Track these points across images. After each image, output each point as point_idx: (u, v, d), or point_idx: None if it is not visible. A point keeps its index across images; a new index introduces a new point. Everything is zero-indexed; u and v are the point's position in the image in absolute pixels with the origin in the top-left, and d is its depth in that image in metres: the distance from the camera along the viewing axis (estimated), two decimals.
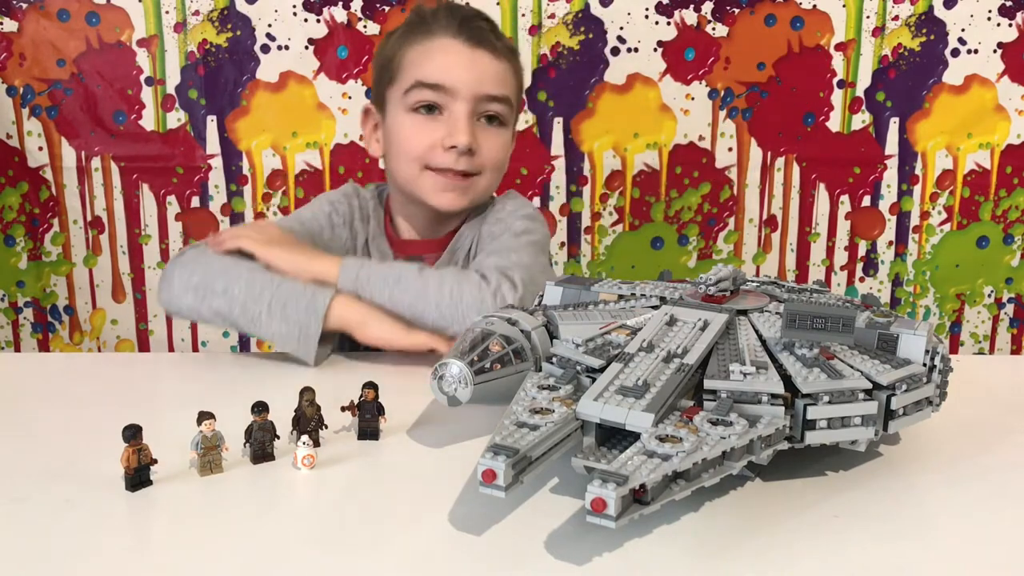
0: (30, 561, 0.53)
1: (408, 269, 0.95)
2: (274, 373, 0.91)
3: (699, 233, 1.69)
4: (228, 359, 1.03)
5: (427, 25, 1.04)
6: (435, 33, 1.03)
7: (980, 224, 1.68)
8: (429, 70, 1.02)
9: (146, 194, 1.63)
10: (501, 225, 1.07)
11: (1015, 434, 0.75)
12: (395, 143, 1.06)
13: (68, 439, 0.72)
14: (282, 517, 0.59)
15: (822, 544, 0.56)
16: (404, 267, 0.95)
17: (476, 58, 1.02)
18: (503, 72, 1.04)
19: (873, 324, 0.68)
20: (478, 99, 1.02)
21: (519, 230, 1.06)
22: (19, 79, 1.57)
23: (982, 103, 1.63)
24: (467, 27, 1.02)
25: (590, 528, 0.51)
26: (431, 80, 1.01)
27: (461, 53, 1.02)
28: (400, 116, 1.05)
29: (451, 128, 1.01)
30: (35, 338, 1.70)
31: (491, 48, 1.03)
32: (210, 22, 1.56)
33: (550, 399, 0.61)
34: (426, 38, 1.03)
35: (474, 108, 1.02)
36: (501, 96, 1.04)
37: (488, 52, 1.03)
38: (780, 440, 0.59)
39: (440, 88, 1.01)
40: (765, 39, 1.61)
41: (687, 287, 0.78)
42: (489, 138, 1.04)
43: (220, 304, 0.92)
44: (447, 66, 1.02)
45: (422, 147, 1.03)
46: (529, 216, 1.09)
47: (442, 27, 1.03)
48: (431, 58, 1.02)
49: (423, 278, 0.93)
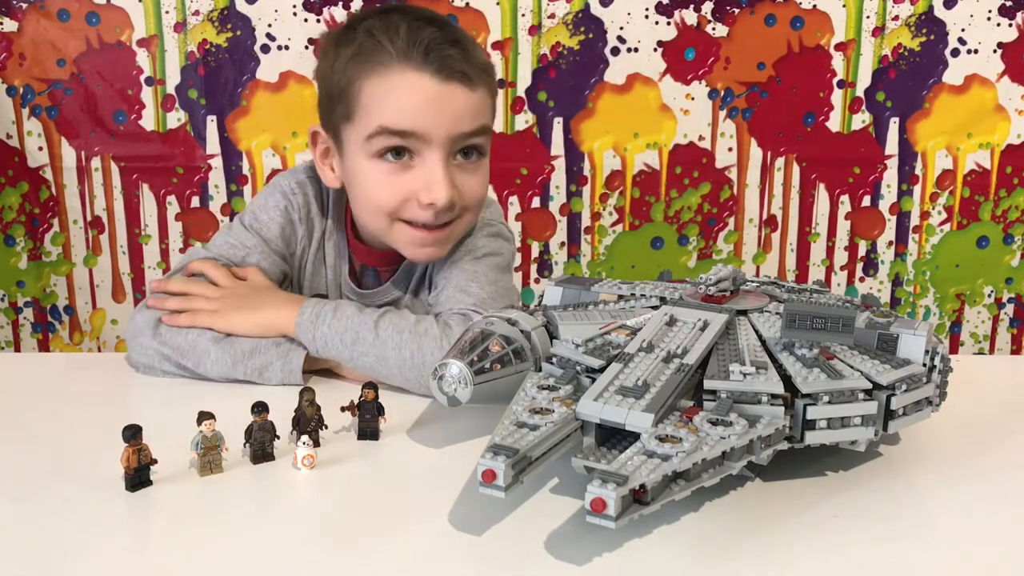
0: (30, 561, 0.53)
1: (363, 325, 0.85)
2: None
3: (699, 233, 1.69)
4: None
5: (383, 53, 0.87)
6: (394, 65, 0.87)
7: (980, 224, 1.68)
8: (394, 114, 0.87)
9: (146, 194, 1.63)
10: (462, 247, 0.97)
11: (1015, 434, 0.75)
12: (358, 191, 0.93)
13: (68, 439, 0.72)
14: (282, 517, 0.60)
15: (822, 544, 0.56)
16: (360, 323, 0.85)
17: (448, 94, 0.87)
18: (479, 102, 0.90)
19: (873, 324, 0.68)
20: (454, 140, 0.89)
21: (482, 252, 0.97)
22: (19, 79, 1.57)
23: (982, 103, 1.63)
24: (434, 57, 0.86)
25: (590, 528, 0.51)
26: (398, 127, 0.87)
27: (430, 91, 0.86)
28: (363, 162, 0.90)
29: (426, 181, 0.88)
30: (35, 338, 1.70)
31: (464, 80, 0.87)
32: (210, 22, 1.56)
33: (550, 399, 0.61)
34: (385, 71, 0.87)
35: (450, 150, 0.89)
36: (478, 130, 0.90)
37: (461, 85, 0.87)
38: (780, 440, 0.59)
39: (410, 135, 0.87)
40: (765, 39, 1.61)
41: (687, 287, 0.78)
42: (468, 177, 0.91)
43: (195, 375, 0.87)
44: (415, 109, 0.87)
45: (394, 201, 0.90)
46: (495, 234, 1.00)
47: (402, 56, 0.86)
48: (394, 99, 0.87)
49: (380, 339, 0.84)
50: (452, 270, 0.96)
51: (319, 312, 0.87)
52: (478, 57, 0.91)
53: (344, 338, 0.85)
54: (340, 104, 0.91)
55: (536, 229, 1.67)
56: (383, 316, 0.87)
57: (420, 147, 0.89)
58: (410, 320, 0.86)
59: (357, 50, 0.89)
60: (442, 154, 0.88)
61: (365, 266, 1.03)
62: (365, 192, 0.93)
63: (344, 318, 0.86)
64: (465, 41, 0.91)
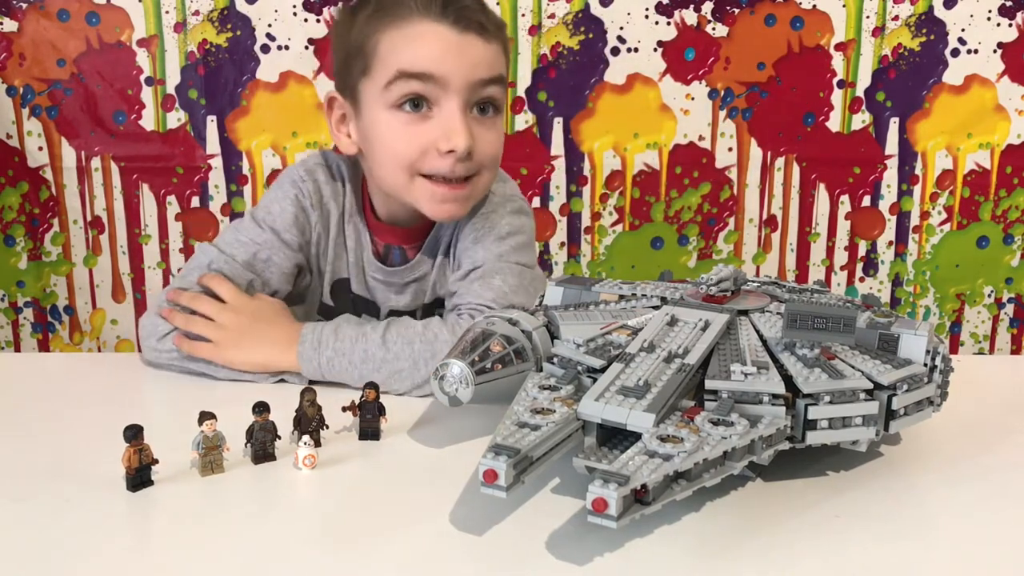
0: (30, 561, 0.53)
1: (371, 342, 0.85)
2: None
3: (699, 233, 1.69)
4: None
5: (403, 6, 0.89)
6: (414, 16, 0.88)
7: (980, 224, 1.68)
8: (413, 58, 0.88)
9: (146, 194, 1.63)
10: (485, 223, 0.97)
11: (1015, 434, 0.75)
12: (377, 146, 0.93)
13: (68, 439, 0.72)
14: (283, 517, 0.59)
15: (823, 544, 0.56)
16: (366, 340, 0.85)
17: (466, 44, 0.89)
18: (494, 54, 0.91)
19: (874, 324, 0.68)
20: (472, 87, 0.89)
21: (504, 231, 0.97)
22: (19, 79, 1.57)
23: (982, 103, 1.63)
24: (452, 8, 0.88)
25: (591, 528, 0.51)
26: (417, 69, 0.88)
27: (449, 39, 0.88)
28: (381, 114, 0.91)
29: (445, 128, 0.89)
30: (35, 338, 1.70)
31: (481, 31, 0.89)
32: (210, 22, 1.56)
33: (551, 399, 0.61)
34: (404, 22, 0.89)
35: (467, 99, 0.90)
36: (494, 77, 0.91)
37: (478, 36, 0.89)
38: (781, 440, 0.59)
39: (428, 78, 0.88)
40: (765, 39, 1.61)
41: (688, 287, 0.78)
42: (484, 132, 0.92)
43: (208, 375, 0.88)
44: (434, 54, 0.88)
45: (413, 153, 0.90)
46: (518, 210, 1.00)
47: (422, 9, 0.88)
48: (414, 45, 0.88)
49: (392, 352, 0.84)
50: (477, 251, 0.96)
51: (320, 338, 0.86)
52: (492, 13, 0.93)
53: (352, 359, 0.85)
54: (358, 60, 0.92)
55: (536, 229, 1.67)
56: (388, 328, 0.86)
57: (438, 94, 0.89)
58: (417, 328, 0.86)
59: (376, 7, 0.91)
60: (459, 101, 0.89)
61: (390, 245, 1.02)
62: (384, 146, 0.93)
63: (348, 339, 0.86)
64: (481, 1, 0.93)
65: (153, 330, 0.90)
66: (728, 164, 1.66)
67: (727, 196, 1.67)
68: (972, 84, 1.62)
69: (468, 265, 0.96)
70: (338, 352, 0.85)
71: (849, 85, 1.63)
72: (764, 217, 1.69)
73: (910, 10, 1.59)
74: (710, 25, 1.60)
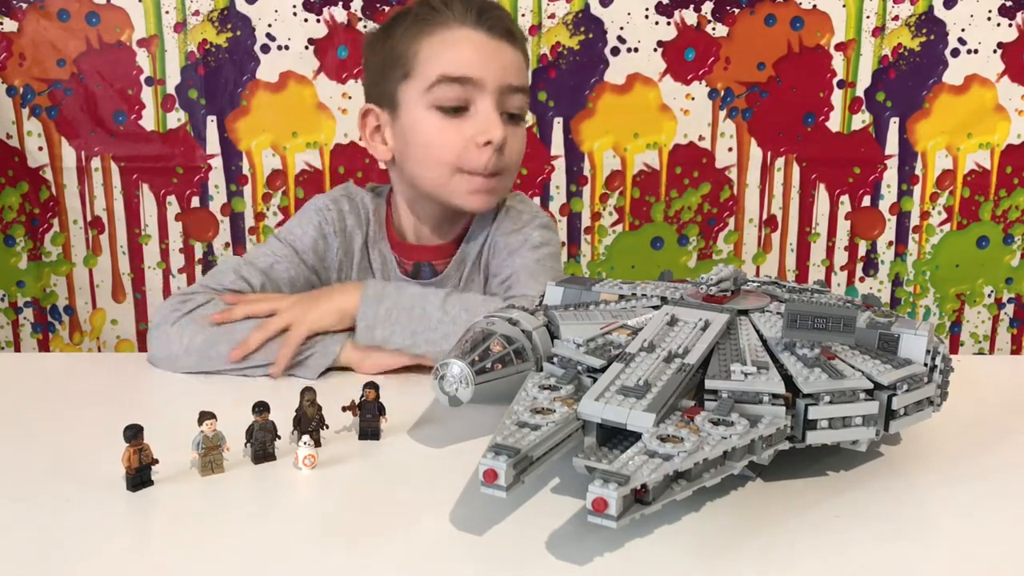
0: (30, 561, 0.53)
1: (430, 303, 0.91)
2: None
3: (699, 233, 1.69)
4: None
5: (441, 16, 0.98)
6: (452, 24, 0.98)
7: (980, 224, 1.68)
8: (454, 63, 0.97)
9: (146, 194, 1.63)
10: (519, 236, 1.05)
11: (1015, 434, 0.75)
12: (419, 145, 1.01)
13: (68, 439, 0.72)
14: (283, 517, 0.59)
15: (823, 544, 0.56)
16: (425, 300, 0.91)
17: (499, 49, 0.98)
18: (521, 62, 1.02)
19: (874, 324, 0.68)
20: (503, 91, 0.98)
21: (537, 242, 1.05)
22: (19, 79, 1.57)
23: (982, 103, 1.63)
24: (486, 18, 0.98)
25: (591, 528, 0.51)
26: (458, 73, 0.96)
27: (485, 44, 0.98)
28: (422, 114, 0.99)
29: (483, 123, 0.97)
30: (35, 338, 1.70)
31: (510, 39, 1.00)
32: (210, 22, 1.56)
33: (551, 399, 0.61)
34: (444, 29, 0.98)
35: (499, 101, 0.98)
36: (522, 86, 1.01)
37: (508, 43, 0.99)
38: (781, 440, 0.59)
39: (467, 81, 0.97)
40: (765, 39, 1.61)
41: (688, 287, 0.78)
42: (511, 135, 1.00)
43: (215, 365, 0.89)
44: (472, 58, 0.97)
45: (455, 149, 0.98)
46: (545, 225, 1.09)
47: (459, 18, 0.98)
48: (454, 50, 0.97)
49: (449, 315, 0.90)
50: (514, 260, 1.04)
51: (382, 292, 0.92)
52: (518, 27, 1.04)
53: (411, 314, 0.90)
54: (398, 68, 1.00)
55: None
56: (449, 296, 0.92)
57: (474, 95, 0.97)
58: (477, 299, 0.93)
59: (415, 19, 1.00)
60: (493, 101, 0.98)
61: (419, 262, 1.08)
62: (426, 144, 1.00)
63: (408, 296, 0.92)
64: (508, 14, 1.05)
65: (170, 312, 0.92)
66: (728, 164, 1.66)
67: (727, 196, 1.67)
68: (972, 84, 1.62)
69: (508, 271, 1.04)
70: (397, 305, 0.91)
71: (849, 85, 1.63)
72: (764, 217, 1.69)
73: (910, 10, 1.60)
74: (710, 25, 1.60)
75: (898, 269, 1.71)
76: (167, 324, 0.91)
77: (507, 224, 1.07)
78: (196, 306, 0.93)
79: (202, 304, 0.93)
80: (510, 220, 1.07)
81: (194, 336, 0.90)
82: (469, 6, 0.98)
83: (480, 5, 0.99)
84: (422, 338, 0.89)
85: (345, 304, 0.92)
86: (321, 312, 0.92)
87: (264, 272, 1.00)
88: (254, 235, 1.65)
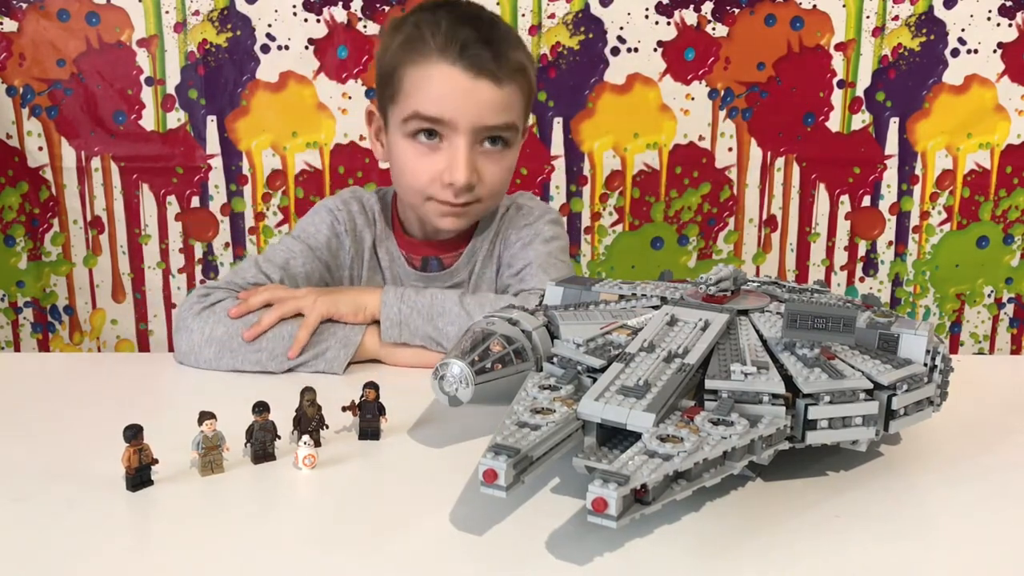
0: (30, 561, 0.53)
1: (448, 300, 0.94)
2: (275, 373, 0.91)
3: (699, 233, 1.69)
4: None
5: (426, 45, 0.97)
6: (432, 57, 0.96)
7: (980, 224, 1.68)
8: (426, 102, 0.97)
9: (146, 194, 1.63)
10: (531, 230, 1.09)
11: (1015, 434, 0.75)
12: (397, 167, 1.04)
13: (68, 439, 0.72)
14: (283, 517, 0.59)
15: (823, 544, 0.56)
16: (444, 298, 0.94)
17: (476, 89, 0.96)
18: (506, 98, 0.98)
19: (874, 324, 0.68)
20: (478, 131, 0.98)
21: (548, 235, 1.08)
22: (19, 79, 1.57)
23: (982, 103, 1.63)
24: (468, 54, 0.96)
25: (591, 528, 0.51)
26: (428, 113, 0.97)
27: (460, 83, 0.96)
28: (400, 141, 1.01)
29: (450, 162, 0.98)
30: (35, 338, 1.70)
31: (492, 77, 0.96)
32: (210, 22, 1.56)
33: (551, 399, 0.61)
34: (425, 61, 0.97)
35: (475, 138, 0.98)
36: (502, 125, 0.99)
37: (489, 81, 0.96)
38: (781, 440, 0.59)
39: (439, 121, 0.97)
40: (765, 39, 1.61)
41: (688, 287, 0.78)
42: (490, 164, 1.01)
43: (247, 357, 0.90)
44: (445, 98, 0.97)
45: (422, 181, 1.00)
46: (555, 220, 1.13)
47: (440, 51, 0.96)
48: (429, 87, 0.97)
49: (467, 310, 0.93)
50: (528, 251, 1.07)
51: (402, 291, 0.96)
52: (511, 57, 0.99)
53: (431, 311, 0.93)
54: (388, 87, 1.02)
55: None
56: (464, 295, 0.96)
57: (448, 132, 0.98)
58: (491, 297, 0.97)
59: (405, 39, 1.00)
60: (466, 140, 0.98)
61: (427, 257, 1.11)
62: (401, 170, 1.03)
63: (428, 294, 0.95)
64: (501, 42, 0.99)
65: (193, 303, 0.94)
66: (728, 164, 1.66)
67: (727, 196, 1.67)
68: (972, 84, 1.62)
69: (522, 263, 1.06)
70: (419, 304, 0.94)
71: (849, 85, 1.63)
72: (764, 217, 1.69)
73: (910, 10, 1.59)
74: (710, 25, 1.60)
75: (898, 269, 1.71)
76: (189, 317, 0.93)
77: (519, 219, 1.11)
78: (217, 300, 0.95)
79: (223, 299, 0.95)
80: (522, 215, 1.11)
81: (215, 327, 0.91)
82: (453, 39, 0.96)
83: (465, 39, 0.96)
84: (442, 332, 0.92)
85: (363, 299, 0.95)
86: (337, 299, 0.94)
87: (281, 267, 1.02)
88: (254, 235, 1.65)
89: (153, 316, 1.69)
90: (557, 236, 1.10)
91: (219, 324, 0.92)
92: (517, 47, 1.01)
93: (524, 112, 1.04)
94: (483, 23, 1.00)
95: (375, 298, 0.95)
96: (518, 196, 1.16)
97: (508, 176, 1.06)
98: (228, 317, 0.92)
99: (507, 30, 1.03)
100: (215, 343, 0.91)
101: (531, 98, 1.06)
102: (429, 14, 1.00)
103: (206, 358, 0.91)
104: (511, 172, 1.06)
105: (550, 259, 1.06)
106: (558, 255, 1.08)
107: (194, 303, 0.95)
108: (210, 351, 0.90)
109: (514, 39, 1.02)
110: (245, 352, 0.90)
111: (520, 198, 1.15)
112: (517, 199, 1.15)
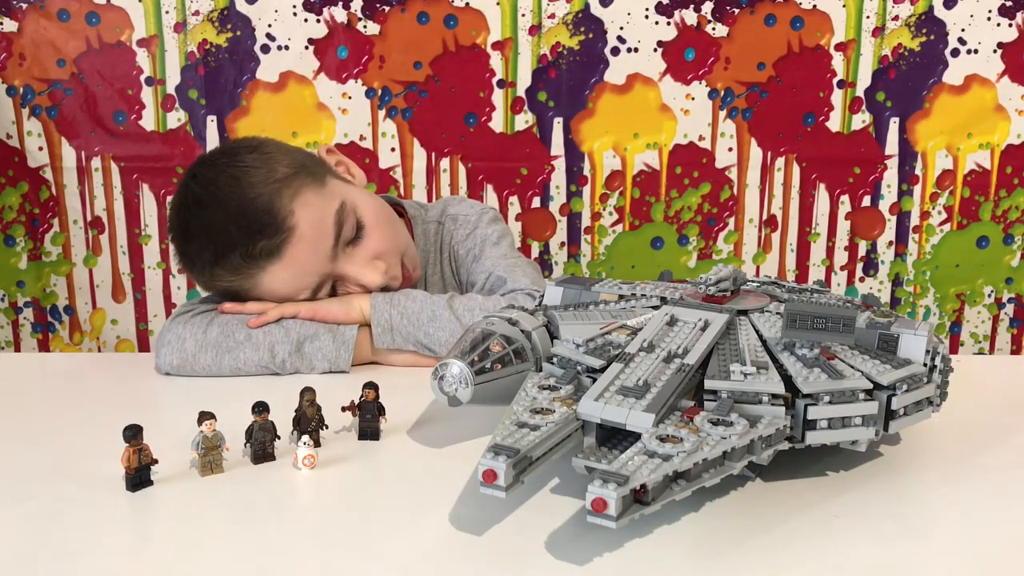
0: (30, 561, 0.53)
1: (438, 305, 0.93)
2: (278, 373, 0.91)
3: (699, 233, 1.69)
4: None
5: (217, 277, 0.95)
6: (220, 276, 0.95)
7: (980, 224, 1.68)
8: (267, 296, 0.95)
9: (146, 194, 1.63)
10: (474, 240, 1.09)
11: (1015, 434, 0.75)
12: None
13: (68, 439, 0.72)
14: (283, 517, 0.59)
15: (823, 544, 0.56)
16: (434, 303, 0.94)
17: (273, 272, 0.93)
18: (297, 252, 0.92)
19: (874, 324, 0.68)
20: (313, 284, 0.95)
21: (495, 237, 1.09)
22: (19, 79, 1.57)
23: (982, 103, 1.63)
24: (246, 262, 0.92)
25: (591, 528, 0.51)
26: (275, 299, 0.95)
27: (266, 280, 0.93)
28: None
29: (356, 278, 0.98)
30: (35, 338, 1.70)
31: (271, 256, 0.92)
32: (210, 22, 1.56)
33: (551, 399, 0.61)
34: (216, 279, 0.96)
35: (322, 280, 0.96)
36: (318, 277, 0.96)
37: (272, 261, 0.92)
38: (781, 440, 0.59)
39: (286, 299, 0.95)
40: (765, 39, 1.61)
41: (687, 287, 0.78)
42: (358, 251, 0.97)
43: (246, 354, 0.89)
44: (273, 294, 0.95)
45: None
46: (493, 219, 1.12)
47: (231, 272, 0.93)
48: (257, 293, 0.95)
49: (456, 314, 0.93)
50: (483, 263, 1.07)
51: (391, 297, 0.95)
52: (274, 207, 0.91)
53: (420, 317, 0.93)
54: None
55: (536, 229, 1.67)
56: (452, 298, 0.95)
57: (308, 293, 0.96)
58: (478, 299, 0.96)
59: (193, 272, 0.98)
60: (310, 294, 0.95)
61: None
62: None
63: (417, 300, 0.95)
64: (247, 229, 0.91)
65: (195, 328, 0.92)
66: (728, 164, 1.66)
67: (727, 196, 1.67)
68: (972, 84, 1.62)
69: (483, 276, 1.05)
70: (408, 309, 0.93)
71: (849, 85, 1.63)
72: (764, 217, 1.69)
73: (910, 10, 1.59)
74: (710, 25, 1.60)
75: (898, 269, 1.71)
76: (178, 326, 0.91)
77: (458, 231, 1.10)
78: (202, 311, 0.94)
79: (207, 310, 0.95)
80: (459, 226, 1.10)
81: (208, 329, 0.91)
82: (227, 265, 0.92)
83: (232, 257, 0.91)
84: (433, 337, 0.92)
85: (351, 299, 0.95)
86: (329, 301, 0.95)
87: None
88: None
89: (153, 316, 1.69)
90: (503, 234, 1.10)
91: (213, 325, 0.91)
92: (265, 184, 0.92)
93: (317, 184, 0.96)
94: (226, 214, 0.92)
95: (364, 299, 0.95)
96: (446, 204, 1.13)
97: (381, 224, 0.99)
98: (220, 314, 0.92)
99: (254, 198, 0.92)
100: (211, 346, 0.90)
101: (322, 181, 0.98)
102: (190, 253, 0.96)
103: (203, 364, 0.90)
104: (378, 209, 1.01)
105: (506, 260, 1.07)
106: (509, 252, 1.09)
107: (179, 314, 0.94)
108: (207, 357, 0.90)
109: (258, 181, 0.93)
110: (246, 351, 0.90)
111: (449, 206, 1.12)
112: (447, 208, 1.12)
